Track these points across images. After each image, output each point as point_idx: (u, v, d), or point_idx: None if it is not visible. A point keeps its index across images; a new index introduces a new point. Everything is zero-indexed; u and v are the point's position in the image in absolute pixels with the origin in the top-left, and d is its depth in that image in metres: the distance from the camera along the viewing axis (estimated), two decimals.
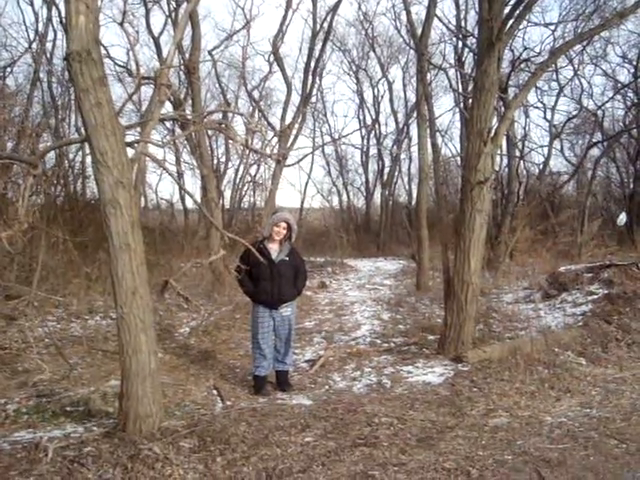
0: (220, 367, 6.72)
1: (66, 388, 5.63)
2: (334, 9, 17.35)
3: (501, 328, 8.01)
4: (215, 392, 5.81)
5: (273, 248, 5.85)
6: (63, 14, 14.78)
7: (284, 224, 5.82)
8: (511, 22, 6.21)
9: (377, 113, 26.47)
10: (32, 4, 18.08)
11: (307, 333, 8.45)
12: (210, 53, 20.89)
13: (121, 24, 12.04)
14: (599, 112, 18.74)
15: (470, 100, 7.25)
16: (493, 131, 6.53)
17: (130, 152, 4.35)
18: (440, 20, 14.38)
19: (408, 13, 12.10)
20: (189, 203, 24.31)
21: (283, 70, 17.29)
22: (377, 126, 26.51)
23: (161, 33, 18.18)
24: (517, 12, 6.20)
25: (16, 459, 3.82)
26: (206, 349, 7.42)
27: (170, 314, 9.03)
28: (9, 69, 17.27)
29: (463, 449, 4.12)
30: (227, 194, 25.17)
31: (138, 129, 4.71)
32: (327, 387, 6.01)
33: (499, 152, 16.90)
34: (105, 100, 3.97)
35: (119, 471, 3.59)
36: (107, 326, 7.86)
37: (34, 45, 17.44)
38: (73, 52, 3.89)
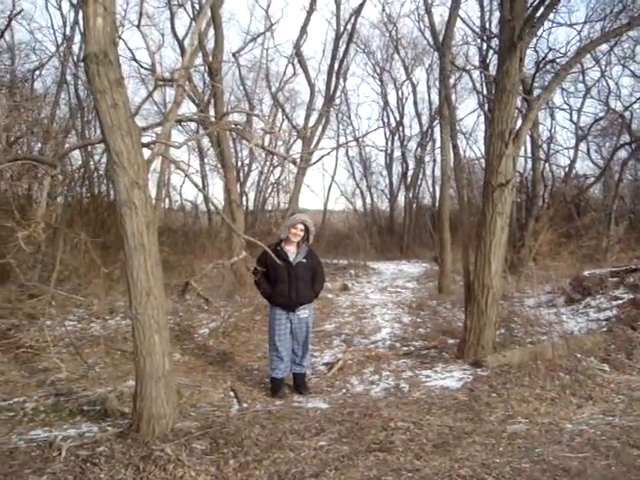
0: (238, 369, 6.72)
1: (84, 387, 5.68)
2: (357, 11, 17.36)
3: (522, 333, 7.87)
4: (232, 394, 5.80)
5: (290, 250, 5.83)
6: None
7: (301, 226, 5.79)
8: (533, 22, 6.11)
9: (401, 115, 26.36)
10: (60, 8, 18.37)
11: (327, 336, 8.41)
12: (234, 55, 21.05)
13: (138, 26, 12.13)
14: (627, 113, 18.40)
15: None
16: (515, 133, 6.42)
17: (149, 153, 4.37)
18: (464, 22, 14.24)
19: (429, 14, 12.03)
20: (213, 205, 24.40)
21: (306, 71, 17.35)
22: (401, 128, 26.39)
23: (185, 36, 18.35)
24: (539, 12, 6.09)
25: (30, 457, 3.86)
26: (225, 351, 7.42)
27: (190, 315, 9.05)
28: (37, 72, 17.52)
29: (480, 456, 4.03)
30: (251, 196, 25.38)
31: (159, 130, 4.70)
32: (344, 390, 5.97)
33: (524, 154, 16.73)
34: (121, 101, 3.99)
35: (131, 472, 3.58)
36: (127, 326, 7.88)
37: (62, 48, 17.66)
38: (90, 54, 3.91)
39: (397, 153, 26.80)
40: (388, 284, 14.51)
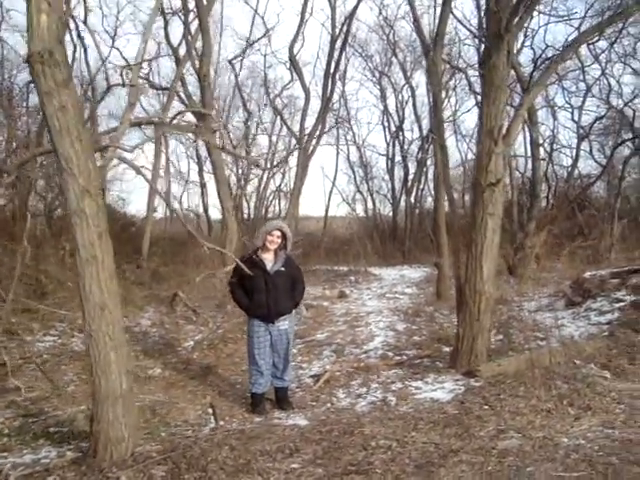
0: (220, 383, 6.42)
1: (55, 407, 5.42)
2: (351, 14, 17.15)
3: (521, 339, 7.51)
4: (210, 410, 5.51)
5: (268, 258, 5.53)
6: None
7: (278, 232, 5.50)
8: (520, 13, 5.82)
9: (401, 119, 26.01)
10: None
11: (317, 346, 8.10)
12: (230, 62, 20.91)
13: (84, 22, 11.93)
14: (629, 111, 18.00)
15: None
16: (505, 130, 6.12)
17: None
18: (460, 22, 13.92)
19: (413, 9, 11.79)
20: (213, 213, 24.17)
21: (300, 75, 17.17)
22: (401, 132, 26.06)
23: (179, 44, 18.08)
24: (526, 2, 5.80)
25: None
26: (208, 364, 7.13)
27: (176, 327, 8.77)
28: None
29: (466, 477, 3.72)
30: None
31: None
32: (329, 405, 5.65)
33: (524, 154, 16.42)
34: (70, 104, 3.72)
35: None
36: None
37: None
38: (34, 53, 3.65)
39: (399, 157, 26.49)
40: (387, 290, 14.18)
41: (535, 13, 13.00)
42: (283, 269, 5.52)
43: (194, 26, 14.69)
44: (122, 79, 3.97)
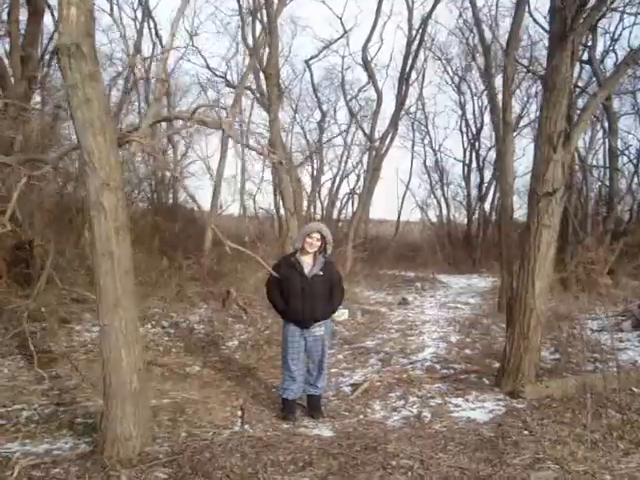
0: (257, 386, 6.32)
1: (87, 398, 5.47)
2: (427, 17, 16.80)
3: (580, 359, 7.02)
4: (239, 413, 5.41)
5: (306, 261, 5.36)
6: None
7: (317, 235, 5.32)
8: (587, 10, 5.41)
9: (479, 126, 25.27)
10: (135, 18, 18.69)
11: (364, 353, 7.87)
12: (307, 63, 20.93)
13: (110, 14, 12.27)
14: None
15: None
16: (565, 135, 5.71)
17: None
18: (536, 22, 13.33)
19: (474, 7, 11.36)
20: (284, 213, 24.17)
21: (373, 77, 16.92)
22: (478, 139, 25.31)
23: (255, 43, 18.27)
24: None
25: None
26: (248, 365, 7.05)
27: (224, 325, 8.73)
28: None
29: None
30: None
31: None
32: (361, 416, 5.41)
33: (604, 165, 15.56)
34: (95, 97, 3.71)
35: None
36: (154, 335, 7.71)
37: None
38: (62, 46, 3.65)
39: (475, 164, 25.71)
40: (451, 299, 13.73)
41: (619, 14, 12.28)
42: (321, 273, 5.34)
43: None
44: (146, 73, 3.93)
